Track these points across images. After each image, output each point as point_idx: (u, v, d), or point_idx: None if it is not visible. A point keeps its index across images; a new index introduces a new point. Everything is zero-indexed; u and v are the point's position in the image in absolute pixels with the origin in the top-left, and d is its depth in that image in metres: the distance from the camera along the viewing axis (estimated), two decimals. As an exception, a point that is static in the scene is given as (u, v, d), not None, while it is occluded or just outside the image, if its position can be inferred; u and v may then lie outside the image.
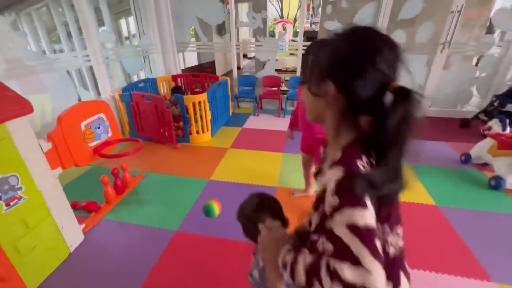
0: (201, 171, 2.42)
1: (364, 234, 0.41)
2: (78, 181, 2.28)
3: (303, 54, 0.73)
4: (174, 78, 3.92)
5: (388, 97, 0.47)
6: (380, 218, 0.47)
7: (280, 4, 15.30)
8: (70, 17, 3.09)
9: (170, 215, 1.85)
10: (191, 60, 6.80)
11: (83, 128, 1.59)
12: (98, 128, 1.69)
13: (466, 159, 2.49)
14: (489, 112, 3.29)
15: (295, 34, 14.41)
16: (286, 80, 4.23)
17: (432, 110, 3.80)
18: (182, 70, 4.63)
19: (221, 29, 6.98)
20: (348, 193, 0.44)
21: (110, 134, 1.79)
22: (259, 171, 2.41)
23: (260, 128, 3.48)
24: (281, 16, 15.25)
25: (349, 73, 0.49)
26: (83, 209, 1.88)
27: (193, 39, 5.36)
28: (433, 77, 3.54)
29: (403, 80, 0.50)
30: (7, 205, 1.19)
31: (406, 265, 0.60)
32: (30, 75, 2.22)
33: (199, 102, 2.86)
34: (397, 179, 0.48)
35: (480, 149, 2.34)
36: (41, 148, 1.34)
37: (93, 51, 2.79)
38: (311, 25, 12.77)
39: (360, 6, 3.40)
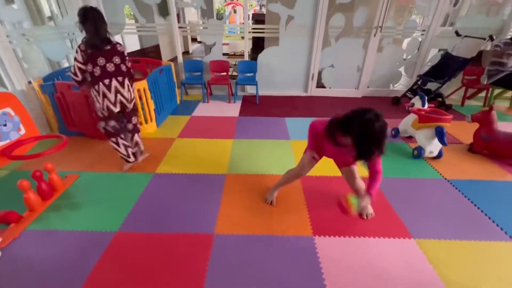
0: (145, 164, 2.26)
1: (75, 65, 1.78)
2: (-8, 189, 1.94)
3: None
4: (110, 64, 3.50)
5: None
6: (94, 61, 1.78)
7: (228, -15, 14.67)
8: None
9: (109, 216, 1.70)
10: (132, 44, 6.20)
11: (-19, 127, 1.32)
12: (4, 125, 1.43)
13: (396, 133, 2.79)
14: (414, 91, 3.71)
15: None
16: (235, 65, 4.14)
17: (369, 90, 4.14)
18: (121, 56, 4.17)
19: (164, 9, 6.42)
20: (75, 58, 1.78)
21: (23, 132, 1.53)
22: (208, 160, 2.36)
23: (210, 115, 3.37)
24: (231, -2, 14.69)
25: (84, 21, 1.71)
26: (-1, 221, 1.61)
27: (132, 21, 4.86)
28: (369, 59, 3.82)
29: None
30: None
31: (119, 76, 1.88)
32: None
33: (139, 90, 2.63)
34: (95, 44, 1.77)
35: (406, 124, 2.64)
36: None
37: (-4, 33, 2.31)
38: (261, 8, 12.60)
39: (302, -12, 3.43)
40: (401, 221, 1.70)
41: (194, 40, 9.86)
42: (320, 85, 4.12)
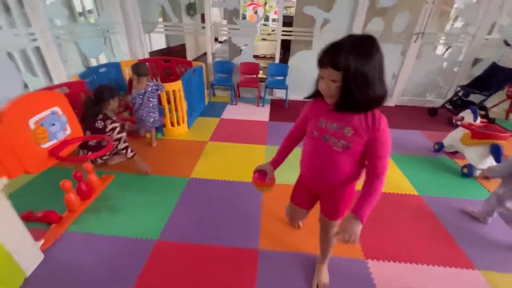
0: (179, 168, 2.21)
1: None
2: (31, 186, 1.93)
3: None
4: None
5: None
6: None
7: (250, -15, 14.66)
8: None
9: (148, 222, 1.64)
10: (159, 42, 6.24)
11: (32, 126, 1.28)
12: (53, 125, 1.40)
13: (439, 147, 2.61)
14: (454, 102, 3.49)
15: (266, 18, 14.04)
16: (264, 67, 4.05)
17: (403, 99, 3.95)
18: (150, 54, 4.20)
19: (190, 9, 6.45)
20: None
21: (68, 132, 1.50)
22: (243, 166, 2.28)
23: (240, 118, 3.30)
24: (252, -2, 14.66)
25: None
26: (40, 220, 1.59)
27: (160, 19, 4.86)
28: (406, 67, 3.64)
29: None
30: None
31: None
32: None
33: (173, 91, 2.58)
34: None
35: (453, 138, 2.46)
36: (-24, 155, 1.04)
37: (40, 29, 2.33)
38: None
39: (340, -10, 3.30)
40: (460, 247, 1.55)
41: (215, 40, 9.88)
42: (351, 91, 3.96)
